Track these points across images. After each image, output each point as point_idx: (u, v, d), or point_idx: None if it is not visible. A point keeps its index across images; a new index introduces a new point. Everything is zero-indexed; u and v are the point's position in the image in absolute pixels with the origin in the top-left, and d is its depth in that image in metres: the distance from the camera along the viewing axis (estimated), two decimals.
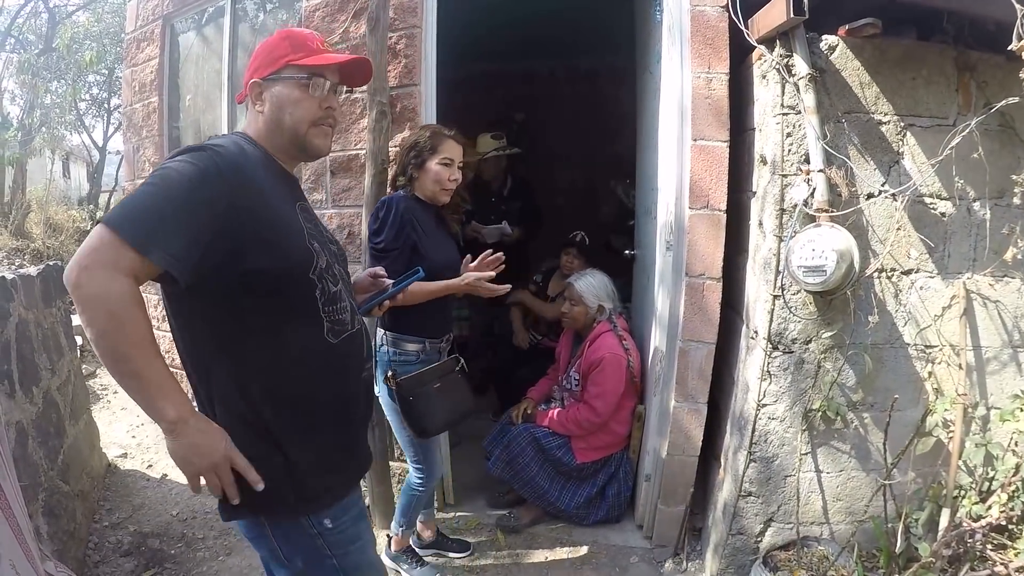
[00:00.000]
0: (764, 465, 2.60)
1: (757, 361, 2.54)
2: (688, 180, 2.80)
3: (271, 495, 1.41)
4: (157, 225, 1.23)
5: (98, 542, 3.15)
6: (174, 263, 1.24)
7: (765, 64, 2.48)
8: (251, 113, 1.56)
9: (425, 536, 3.09)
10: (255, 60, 1.54)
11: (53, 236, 8.95)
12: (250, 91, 1.53)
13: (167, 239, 1.23)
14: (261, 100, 1.52)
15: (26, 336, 2.83)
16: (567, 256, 4.06)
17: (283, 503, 1.45)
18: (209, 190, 1.30)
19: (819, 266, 2.23)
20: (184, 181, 1.27)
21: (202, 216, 1.28)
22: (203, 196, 1.29)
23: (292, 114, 1.52)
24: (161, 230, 1.23)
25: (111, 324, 1.21)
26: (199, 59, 4.24)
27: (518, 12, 4.45)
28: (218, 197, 1.30)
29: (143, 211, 1.24)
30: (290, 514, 1.48)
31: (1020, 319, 2.50)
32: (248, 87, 1.53)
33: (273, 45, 1.54)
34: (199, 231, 1.27)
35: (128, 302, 1.21)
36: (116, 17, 10.64)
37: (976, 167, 2.33)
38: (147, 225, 1.23)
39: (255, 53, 1.56)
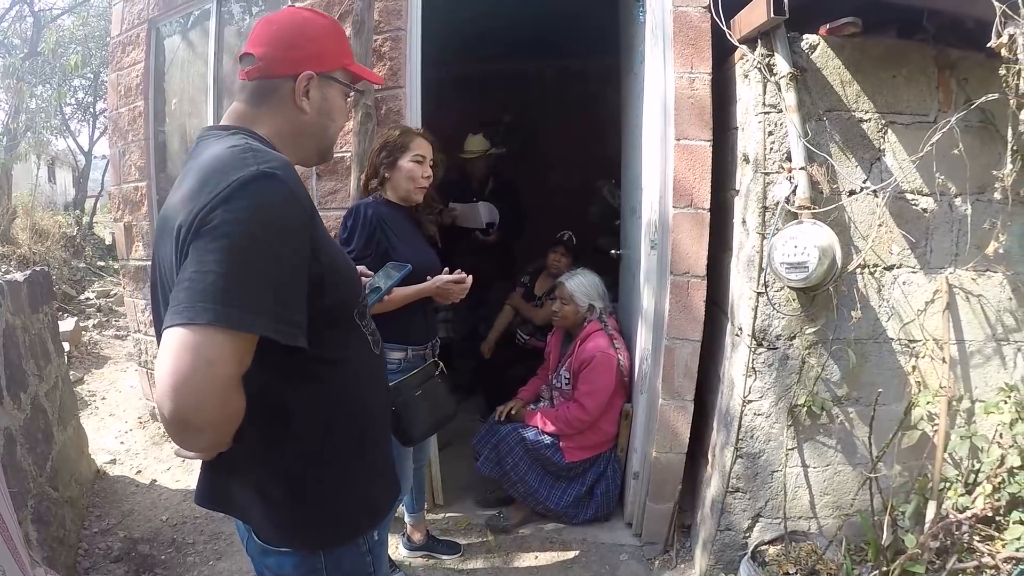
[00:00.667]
0: (751, 461, 2.62)
1: (742, 358, 2.56)
2: (672, 179, 2.82)
3: (348, 525, 1.32)
4: (264, 294, 1.05)
5: (88, 548, 3.14)
6: (298, 333, 1.09)
7: (747, 63, 2.50)
8: (282, 109, 1.29)
9: (415, 538, 3.09)
10: (307, 45, 1.29)
11: (39, 242, 8.90)
12: (300, 84, 1.27)
13: (280, 306, 1.06)
14: (308, 97, 1.28)
15: (13, 341, 2.82)
16: (554, 255, 4.08)
17: (356, 529, 1.34)
18: (297, 239, 1.12)
19: (801, 262, 2.25)
20: (272, 236, 1.07)
21: (301, 269, 1.12)
22: (294, 247, 1.11)
23: (336, 124, 1.37)
24: (274, 298, 1.06)
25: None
26: (184, 63, 4.22)
27: (505, 14, 4.47)
28: (305, 242, 1.13)
29: (240, 283, 1.02)
30: (353, 537, 1.34)
31: (1003, 313, 2.53)
32: (302, 80, 1.27)
33: (331, 38, 1.33)
34: (303, 285, 1.12)
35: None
36: (101, 21, 10.58)
37: (957, 163, 2.34)
38: (253, 297, 1.03)
39: (302, 32, 1.29)
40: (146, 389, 4.71)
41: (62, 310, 7.13)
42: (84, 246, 10.43)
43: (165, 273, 1.16)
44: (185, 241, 1.04)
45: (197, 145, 1.25)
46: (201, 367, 0.98)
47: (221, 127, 1.26)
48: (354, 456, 1.32)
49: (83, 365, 6.01)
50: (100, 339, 6.81)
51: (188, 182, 1.13)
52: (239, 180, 1.05)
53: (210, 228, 1.02)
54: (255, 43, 1.27)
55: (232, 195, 1.04)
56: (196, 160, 1.18)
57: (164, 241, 1.14)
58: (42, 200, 12.58)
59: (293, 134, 1.30)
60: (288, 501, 1.25)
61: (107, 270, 9.75)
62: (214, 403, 1.01)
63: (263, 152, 1.14)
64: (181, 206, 1.09)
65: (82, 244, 10.40)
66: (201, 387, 0.98)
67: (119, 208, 4.54)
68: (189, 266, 1.01)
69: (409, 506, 3.03)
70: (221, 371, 1.00)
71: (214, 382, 1.00)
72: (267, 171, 1.08)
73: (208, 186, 1.07)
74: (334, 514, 1.29)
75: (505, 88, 6.39)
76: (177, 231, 1.06)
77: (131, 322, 4.74)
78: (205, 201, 1.04)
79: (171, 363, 0.97)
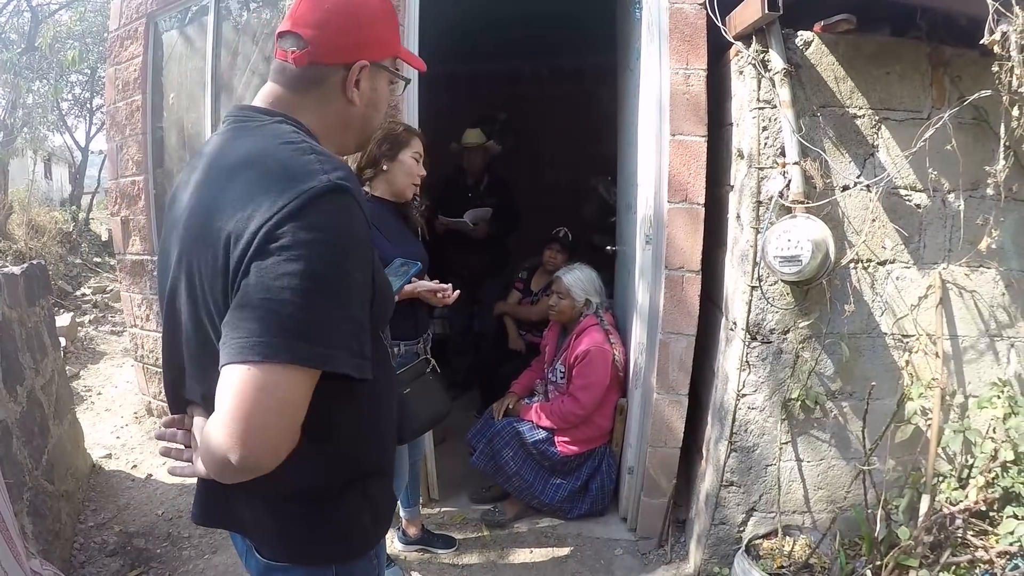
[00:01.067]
0: (745, 455, 2.64)
1: (736, 352, 2.58)
2: (667, 175, 2.83)
3: (363, 539, 1.26)
4: (342, 326, 0.97)
5: (83, 542, 3.14)
6: (368, 366, 1.02)
7: (742, 60, 2.51)
8: (330, 99, 1.17)
9: (411, 533, 3.10)
10: (362, 31, 1.16)
11: (35, 237, 8.88)
12: (353, 74, 1.16)
13: (353, 339, 0.99)
14: (358, 88, 1.17)
15: (10, 335, 2.83)
16: (550, 251, 4.11)
17: (370, 542, 1.28)
18: (366, 262, 1.04)
19: (795, 256, 2.26)
20: (346, 261, 0.98)
21: (368, 295, 1.05)
22: (363, 272, 1.03)
23: (380, 114, 1.26)
24: (349, 331, 0.98)
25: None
26: (182, 57, 4.22)
27: (502, 12, 4.48)
28: (370, 264, 1.06)
29: (318, 316, 0.94)
30: (368, 549, 1.28)
31: (996, 309, 2.54)
32: (355, 70, 1.16)
33: (386, 22, 1.22)
34: (368, 312, 1.05)
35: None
36: (99, 16, 10.55)
37: (950, 159, 2.36)
38: (329, 331, 0.95)
39: (357, 15, 1.15)
40: (142, 384, 4.71)
41: (58, 306, 7.12)
42: (80, 242, 10.39)
43: (197, 283, 1.03)
44: (244, 256, 0.93)
45: (230, 125, 1.14)
46: (276, 410, 0.91)
47: (261, 110, 1.14)
48: (375, 469, 1.26)
49: (79, 361, 6.01)
50: (96, 335, 6.80)
51: (227, 175, 1.04)
52: (310, 193, 0.94)
53: (280, 247, 0.91)
54: (303, 23, 1.13)
55: (303, 210, 0.93)
56: (233, 147, 1.08)
57: (201, 247, 1.01)
58: (38, 196, 12.55)
59: (339, 125, 1.20)
60: (308, 518, 1.17)
61: (103, 266, 9.73)
62: (287, 445, 0.94)
63: (326, 155, 1.04)
64: (229, 210, 0.98)
65: (78, 240, 10.36)
66: (277, 432, 0.92)
67: (116, 202, 4.53)
68: (256, 289, 0.91)
69: (405, 501, 3.04)
70: (295, 412, 0.94)
71: (291, 424, 0.94)
72: (339, 183, 0.97)
73: (270, 193, 0.96)
74: (351, 528, 1.23)
75: (500, 86, 6.42)
76: (227, 240, 0.96)
77: (127, 317, 4.73)
78: (269, 213, 0.93)
79: (244, 405, 0.89)
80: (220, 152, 1.09)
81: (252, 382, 0.89)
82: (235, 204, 0.98)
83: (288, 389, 0.91)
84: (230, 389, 0.90)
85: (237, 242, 0.94)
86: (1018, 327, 2.56)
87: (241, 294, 0.93)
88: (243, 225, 0.94)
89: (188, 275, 1.05)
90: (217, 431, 0.91)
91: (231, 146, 1.09)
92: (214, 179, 1.06)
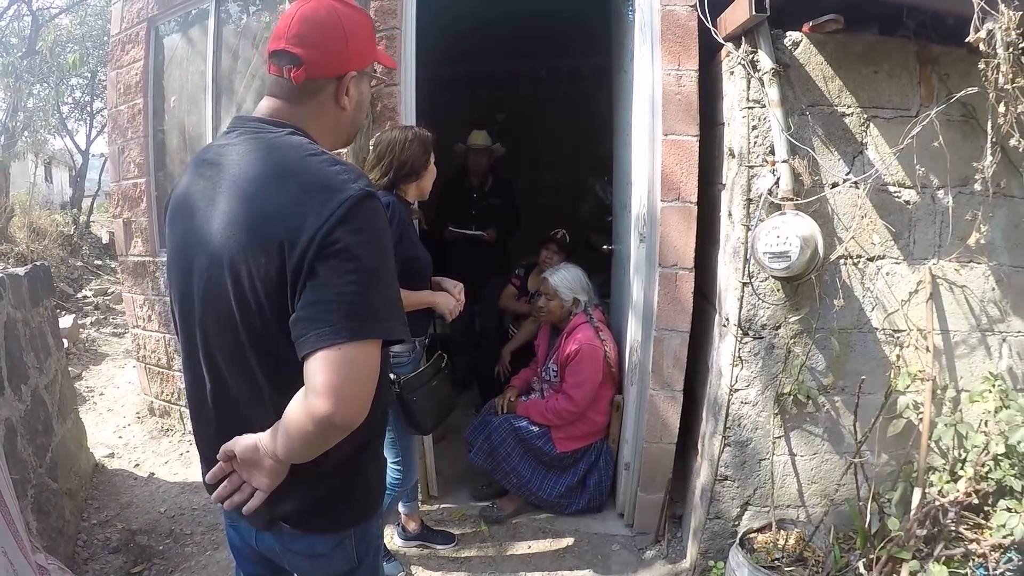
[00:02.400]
0: (739, 449, 2.67)
1: (729, 347, 2.61)
2: (660, 173, 2.87)
3: (376, 502, 1.46)
4: (395, 305, 1.19)
5: (87, 540, 3.18)
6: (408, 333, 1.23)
7: (732, 60, 2.55)
8: (326, 107, 1.32)
9: (410, 528, 3.14)
10: (349, 45, 1.29)
11: (37, 240, 8.93)
12: (344, 84, 1.31)
13: (402, 313, 1.21)
14: (348, 95, 1.32)
15: (14, 335, 2.86)
16: (546, 252, 4.12)
17: (379, 503, 1.48)
18: (392, 252, 1.23)
19: (783, 252, 2.30)
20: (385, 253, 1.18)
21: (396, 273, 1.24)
22: (392, 260, 1.23)
23: (364, 113, 1.42)
24: (399, 308, 1.20)
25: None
26: (183, 61, 4.26)
27: (499, 13, 4.51)
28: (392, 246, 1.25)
29: (379, 300, 1.15)
30: (378, 509, 1.49)
31: (987, 303, 2.57)
32: (346, 81, 1.30)
33: (367, 34, 1.35)
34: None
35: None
36: (99, 20, 10.59)
37: (939, 156, 2.39)
38: (388, 310, 1.16)
39: (344, 33, 1.28)
40: (144, 384, 4.75)
41: (60, 308, 7.15)
42: (81, 245, 10.45)
43: (247, 286, 1.17)
44: (304, 259, 1.10)
45: (240, 135, 1.27)
46: (365, 376, 1.12)
47: (269, 121, 1.28)
48: (379, 431, 1.46)
49: (81, 362, 6.05)
50: (98, 336, 6.84)
51: (264, 186, 1.17)
52: (350, 201, 1.12)
53: (338, 250, 1.10)
54: (296, 42, 1.25)
55: (348, 217, 1.11)
56: (257, 159, 1.21)
57: (251, 254, 1.16)
58: (39, 199, 12.60)
59: (332, 129, 1.35)
60: (340, 489, 1.36)
61: (104, 269, 9.78)
62: (368, 404, 1.14)
63: (346, 164, 1.22)
64: (276, 219, 1.14)
65: (79, 243, 10.42)
66: (366, 392, 1.13)
67: (118, 204, 4.58)
68: (326, 288, 1.10)
69: (404, 497, 3.07)
70: (374, 377, 1.15)
71: (373, 385, 1.14)
72: (367, 190, 1.16)
73: (314, 203, 1.12)
74: (369, 491, 1.43)
75: (498, 87, 6.45)
76: (280, 247, 1.12)
77: (129, 318, 4.77)
78: (320, 221, 1.10)
79: (339, 377, 1.08)
80: (247, 164, 1.22)
81: (344, 357, 1.09)
82: (282, 214, 1.14)
83: (370, 358, 1.13)
84: (325, 366, 1.08)
85: (293, 248, 1.11)
86: (1009, 321, 2.59)
87: (311, 291, 1.11)
88: (295, 234, 1.11)
89: (233, 274, 1.19)
90: (317, 402, 1.08)
91: (257, 158, 1.22)
92: (252, 191, 1.19)
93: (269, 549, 1.43)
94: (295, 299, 1.13)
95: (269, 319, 1.17)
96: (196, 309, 1.27)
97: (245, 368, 1.24)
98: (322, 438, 1.14)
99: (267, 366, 1.23)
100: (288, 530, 1.36)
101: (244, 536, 1.48)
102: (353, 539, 1.41)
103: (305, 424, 1.11)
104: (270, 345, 1.20)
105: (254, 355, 1.22)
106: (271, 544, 1.41)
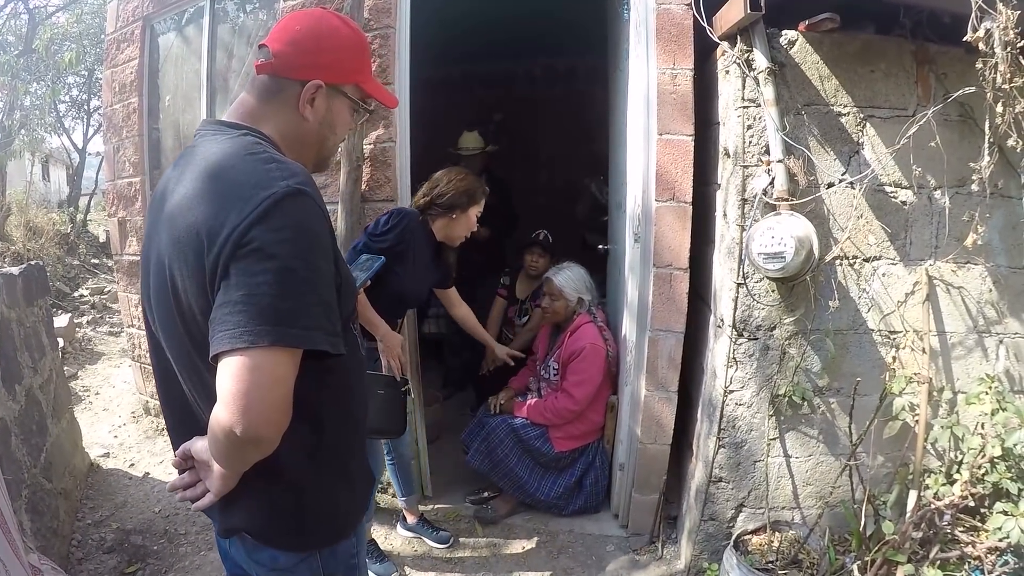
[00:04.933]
0: (733, 451, 2.66)
1: (724, 348, 2.60)
2: (655, 173, 2.86)
3: (345, 524, 1.37)
4: (315, 310, 1.09)
5: (81, 539, 3.17)
6: (341, 343, 1.14)
7: (727, 59, 2.54)
8: (285, 111, 1.27)
9: (410, 521, 3.17)
10: (322, 54, 1.26)
11: (33, 239, 8.90)
12: (307, 92, 1.25)
13: (326, 320, 1.11)
14: (312, 106, 1.27)
15: (8, 334, 2.85)
16: (531, 256, 4.04)
17: (351, 526, 1.39)
18: (329, 253, 1.16)
19: (778, 252, 2.28)
20: (311, 253, 1.10)
21: (333, 281, 1.16)
22: (328, 261, 1.15)
23: (337, 135, 1.36)
24: (322, 313, 1.11)
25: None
26: (179, 60, 4.25)
27: (495, 13, 4.50)
28: (331, 253, 1.17)
29: (293, 303, 1.06)
30: (349, 532, 1.40)
31: (984, 305, 2.56)
32: (309, 88, 1.25)
33: (350, 52, 1.31)
34: (335, 296, 1.16)
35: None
36: (96, 18, 10.57)
37: (936, 156, 2.38)
38: (305, 314, 1.08)
39: (320, 40, 1.26)
40: (140, 384, 4.74)
41: (56, 307, 7.14)
42: (78, 243, 10.41)
43: (179, 283, 1.13)
44: (219, 259, 1.05)
45: (201, 138, 1.23)
46: (268, 385, 1.03)
47: (227, 124, 1.25)
48: (350, 449, 1.37)
49: (77, 361, 6.04)
50: (94, 335, 6.83)
51: (200, 185, 1.12)
52: (272, 197, 1.06)
53: (252, 249, 1.04)
54: (275, 38, 1.25)
55: (268, 214, 1.05)
56: (204, 158, 1.16)
57: (184, 248, 1.11)
58: (36, 197, 12.56)
59: (294, 138, 1.29)
60: (298, 507, 1.28)
61: (101, 267, 9.75)
62: (280, 416, 1.07)
63: (284, 163, 1.15)
64: (197, 212, 1.09)
65: (76, 241, 10.38)
66: (272, 404, 1.05)
67: (113, 204, 4.56)
68: (236, 288, 1.03)
69: (400, 492, 3.10)
70: (284, 387, 1.06)
71: (282, 397, 1.06)
72: (297, 187, 1.09)
73: (237, 200, 1.07)
74: (335, 512, 1.34)
75: (494, 87, 6.44)
76: (200, 245, 1.07)
77: (125, 317, 4.76)
78: (238, 219, 1.05)
79: (240, 385, 1.02)
80: (192, 167, 1.18)
81: (244, 365, 1.02)
82: (207, 211, 1.09)
83: (276, 366, 1.04)
84: (227, 373, 1.02)
85: (211, 246, 1.06)
86: (1006, 323, 2.58)
87: (223, 293, 1.05)
88: (216, 231, 1.06)
89: (171, 276, 1.15)
90: (220, 412, 1.03)
91: (200, 160, 1.17)
92: (188, 193, 1.14)
93: (238, 557, 1.38)
94: (213, 302, 1.07)
95: (200, 322, 1.11)
96: (152, 312, 1.25)
97: (193, 369, 1.20)
98: (234, 451, 1.08)
99: (211, 369, 1.13)
100: (251, 540, 1.30)
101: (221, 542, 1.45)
102: (319, 558, 1.33)
103: (216, 434, 1.06)
104: (208, 347, 1.11)
105: (198, 356, 1.16)
106: (239, 553, 1.36)
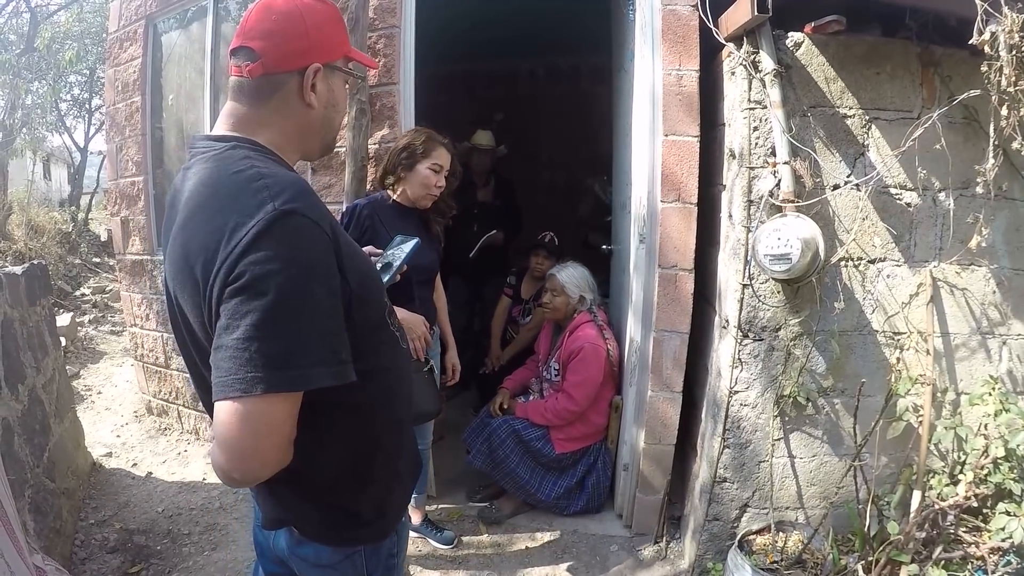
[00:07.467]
0: (738, 451, 2.66)
1: (728, 349, 2.61)
2: (660, 174, 2.86)
3: (393, 519, 1.36)
4: (310, 344, 1.03)
5: (84, 539, 3.17)
6: (348, 369, 1.08)
7: (733, 61, 2.54)
8: (287, 107, 1.20)
9: (414, 520, 3.16)
10: (310, 36, 1.18)
11: (35, 238, 8.91)
12: (308, 78, 1.18)
13: (326, 350, 1.05)
14: (315, 92, 1.19)
15: (11, 334, 2.85)
16: (536, 258, 4.08)
17: (398, 519, 1.39)
18: (328, 273, 1.07)
19: (784, 254, 2.29)
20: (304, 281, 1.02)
21: (337, 302, 1.09)
22: (327, 284, 1.06)
23: (340, 114, 1.30)
24: (319, 344, 1.04)
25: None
26: (181, 59, 4.25)
27: (498, 11, 4.49)
28: (334, 270, 1.09)
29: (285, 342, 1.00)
30: (395, 526, 1.38)
31: (988, 306, 2.57)
32: (309, 74, 1.18)
33: (333, 24, 1.24)
34: (341, 317, 1.09)
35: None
36: (97, 17, 10.59)
37: (940, 159, 2.38)
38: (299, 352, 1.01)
39: (304, 22, 1.17)
40: (142, 383, 4.74)
41: (58, 306, 7.14)
42: (79, 242, 10.41)
43: (188, 314, 1.11)
44: (211, 296, 1.01)
45: (193, 158, 1.17)
46: (263, 433, 1.00)
47: (217, 137, 1.18)
48: (400, 453, 1.36)
49: (79, 360, 6.03)
50: (96, 335, 6.83)
51: (189, 216, 1.08)
52: (258, 225, 0.99)
53: (241, 287, 0.98)
54: (252, 35, 1.16)
55: (254, 244, 0.98)
56: (194, 184, 1.11)
57: (183, 281, 1.08)
58: (38, 196, 12.57)
59: (300, 132, 1.22)
60: (343, 501, 1.27)
61: (103, 266, 9.75)
62: (277, 458, 1.05)
63: (273, 178, 1.06)
64: (195, 252, 1.04)
65: (77, 240, 10.39)
66: (267, 449, 1.02)
67: (116, 203, 4.56)
68: (227, 332, 0.98)
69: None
70: (280, 431, 1.03)
71: (279, 441, 1.04)
72: (285, 209, 1.01)
73: (224, 232, 1.01)
74: (381, 514, 1.33)
75: (497, 85, 6.44)
76: (194, 280, 1.04)
77: (127, 316, 4.76)
78: (226, 253, 0.99)
79: (234, 432, 0.99)
80: (185, 191, 1.13)
81: (236, 414, 0.98)
82: (199, 246, 1.04)
83: (269, 413, 1.00)
84: (221, 420, 0.99)
85: (207, 285, 1.02)
86: (1009, 324, 2.59)
87: (217, 336, 1.00)
88: (208, 268, 1.01)
89: (180, 311, 1.14)
90: (217, 455, 1.02)
91: (195, 184, 1.12)
92: (182, 218, 1.10)
93: (281, 551, 1.37)
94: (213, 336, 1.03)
95: (206, 348, 1.07)
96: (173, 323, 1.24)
97: (205, 385, 1.13)
98: (232, 484, 1.06)
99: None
100: (296, 534, 1.30)
101: (265, 534, 1.43)
102: (364, 555, 1.32)
103: (215, 468, 1.05)
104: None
105: (205, 370, 1.11)
106: (282, 546, 1.35)
